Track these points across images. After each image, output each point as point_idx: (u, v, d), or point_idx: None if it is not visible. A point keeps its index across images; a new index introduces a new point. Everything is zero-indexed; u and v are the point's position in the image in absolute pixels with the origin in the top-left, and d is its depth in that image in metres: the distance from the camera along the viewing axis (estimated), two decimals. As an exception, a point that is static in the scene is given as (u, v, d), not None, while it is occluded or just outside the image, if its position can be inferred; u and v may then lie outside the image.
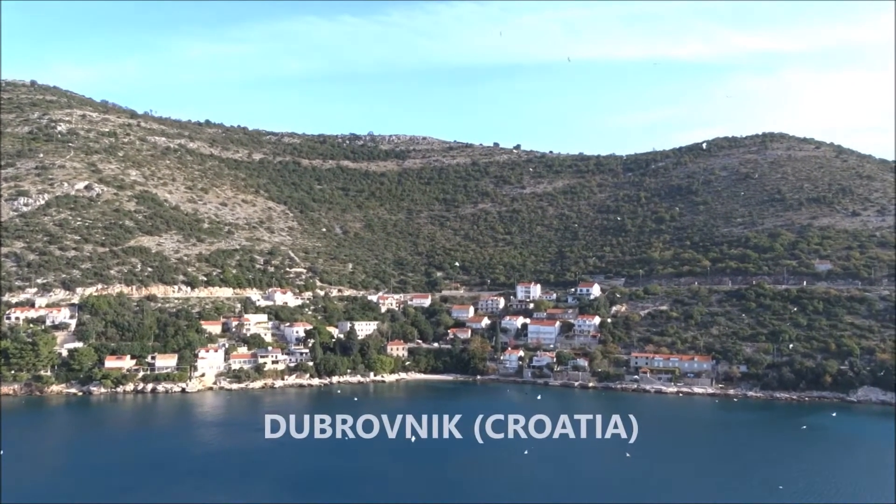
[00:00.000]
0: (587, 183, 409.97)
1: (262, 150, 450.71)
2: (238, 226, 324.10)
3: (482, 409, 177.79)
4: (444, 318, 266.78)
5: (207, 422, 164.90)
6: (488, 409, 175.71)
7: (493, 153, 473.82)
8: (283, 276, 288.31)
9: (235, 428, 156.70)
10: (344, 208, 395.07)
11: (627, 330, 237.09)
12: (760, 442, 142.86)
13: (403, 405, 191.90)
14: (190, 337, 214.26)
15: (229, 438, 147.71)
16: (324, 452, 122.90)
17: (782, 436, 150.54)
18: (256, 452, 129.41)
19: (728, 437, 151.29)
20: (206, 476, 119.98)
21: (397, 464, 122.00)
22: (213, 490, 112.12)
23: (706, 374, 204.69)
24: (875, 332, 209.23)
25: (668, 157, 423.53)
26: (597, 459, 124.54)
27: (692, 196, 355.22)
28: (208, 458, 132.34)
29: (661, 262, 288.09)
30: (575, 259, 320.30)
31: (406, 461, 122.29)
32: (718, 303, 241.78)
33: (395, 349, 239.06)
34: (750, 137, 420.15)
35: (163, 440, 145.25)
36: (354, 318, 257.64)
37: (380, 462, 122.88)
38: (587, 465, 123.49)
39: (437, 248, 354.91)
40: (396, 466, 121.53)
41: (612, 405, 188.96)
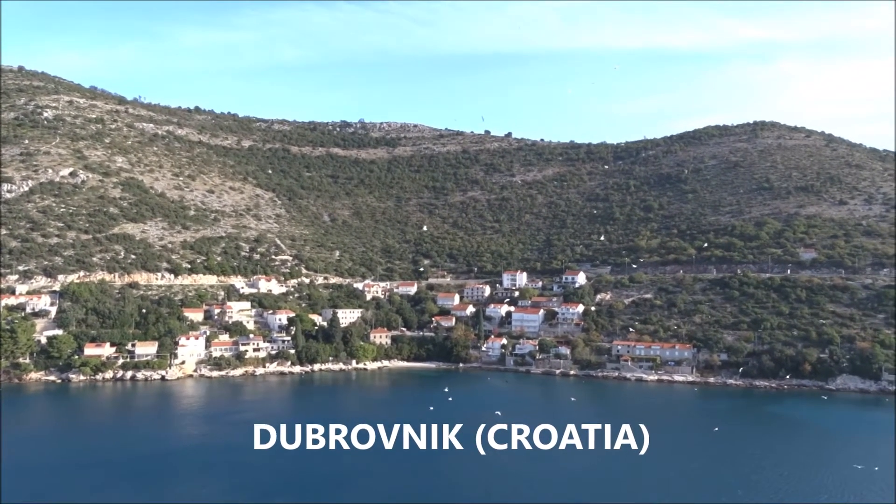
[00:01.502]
0: (577, 171, 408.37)
1: (251, 138, 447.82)
2: (225, 213, 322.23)
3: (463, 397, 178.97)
4: (429, 306, 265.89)
5: (176, 413, 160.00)
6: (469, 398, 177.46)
7: (483, 141, 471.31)
8: (268, 263, 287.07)
9: (201, 419, 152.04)
10: (333, 196, 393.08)
11: (611, 318, 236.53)
12: (728, 432, 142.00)
13: (382, 394, 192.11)
14: (171, 324, 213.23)
15: (186, 433, 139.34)
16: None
17: (745, 427, 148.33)
18: (211, 452, 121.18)
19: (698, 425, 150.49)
20: (136, 478, 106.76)
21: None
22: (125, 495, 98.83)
23: (687, 362, 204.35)
24: (856, 320, 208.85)
25: (659, 146, 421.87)
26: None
27: (681, 184, 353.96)
28: (149, 458, 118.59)
29: (647, 250, 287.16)
30: (562, 247, 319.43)
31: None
32: (702, 291, 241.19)
33: (379, 337, 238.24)
34: (740, 126, 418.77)
35: (109, 435, 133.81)
36: (339, 306, 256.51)
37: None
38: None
39: (425, 235, 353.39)
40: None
41: (589, 392, 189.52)
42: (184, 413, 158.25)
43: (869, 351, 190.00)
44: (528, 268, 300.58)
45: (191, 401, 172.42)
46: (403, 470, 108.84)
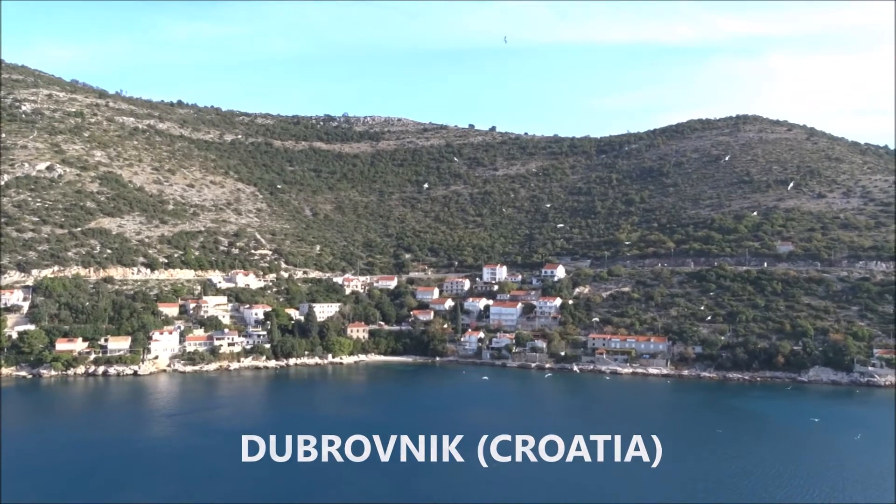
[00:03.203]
0: (560, 165, 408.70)
1: (234, 132, 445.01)
2: (204, 207, 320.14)
3: (436, 390, 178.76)
4: (408, 300, 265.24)
5: (143, 411, 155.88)
6: (443, 392, 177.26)
7: (467, 135, 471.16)
8: (247, 258, 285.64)
9: (157, 417, 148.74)
10: (315, 190, 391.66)
11: (588, 311, 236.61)
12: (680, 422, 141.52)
13: (357, 387, 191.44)
14: (144, 319, 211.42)
15: (130, 430, 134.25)
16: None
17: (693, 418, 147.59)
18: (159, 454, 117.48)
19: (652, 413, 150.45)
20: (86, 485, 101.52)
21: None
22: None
23: (662, 355, 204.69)
24: (830, 312, 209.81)
25: (642, 140, 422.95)
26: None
27: (663, 178, 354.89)
28: (108, 461, 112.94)
29: (627, 243, 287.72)
30: (543, 241, 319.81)
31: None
32: (679, 284, 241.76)
33: (356, 331, 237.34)
34: (723, 119, 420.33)
35: (69, 435, 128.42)
36: (317, 301, 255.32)
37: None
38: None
39: (408, 229, 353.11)
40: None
41: (562, 386, 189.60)
42: (148, 411, 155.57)
43: (842, 343, 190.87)
44: (509, 261, 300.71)
45: (158, 397, 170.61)
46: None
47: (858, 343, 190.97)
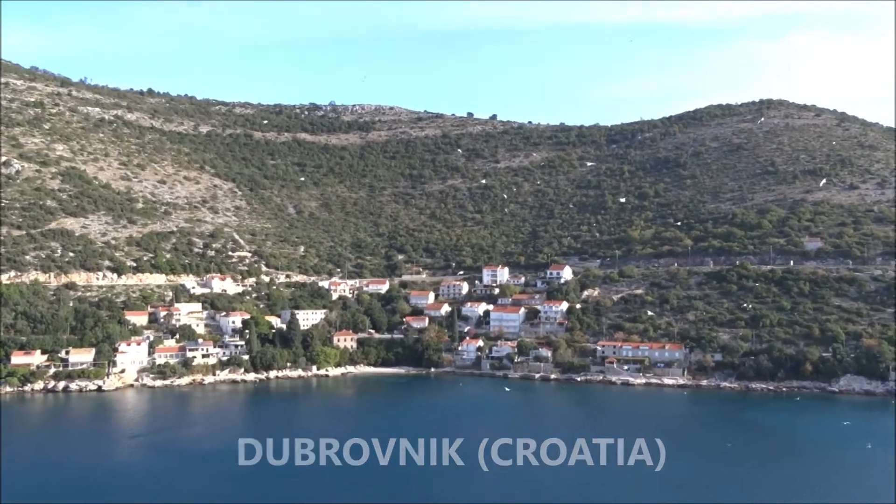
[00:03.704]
0: (567, 156, 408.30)
1: (210, 122, 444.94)
2: (177, 206, 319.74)
3: (427, 405, 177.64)
4: (400, 306, 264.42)
5: (95, 430, 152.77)
6: (433, 406, 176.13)
7: (465, 124, 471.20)
8: (224, 260, 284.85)
9: (121, 437, 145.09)
10: (299, 186, 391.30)
11: (597, 316, 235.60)
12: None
13: (344, 402, 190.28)
14: (110, 329, 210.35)
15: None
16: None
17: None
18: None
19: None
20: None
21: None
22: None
23: (678, 363, 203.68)
24: (864, 315, 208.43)
25: (657, 128, 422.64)
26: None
27: (679, 169, 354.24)
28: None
29: (640, 241, 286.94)
30: (549, 239, 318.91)
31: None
32: (697, 285, 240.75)
33: (343, 340, 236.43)
34: (745, 105, 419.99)
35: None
36: (301, 307, 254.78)
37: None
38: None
39: (401, 228, 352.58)
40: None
41: (568, 397, 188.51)
42: (112, 431, 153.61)
43: (876, 349, 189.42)
44: (511, 262, 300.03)
45: (124, 415, 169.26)
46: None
47: (894, 349, 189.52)
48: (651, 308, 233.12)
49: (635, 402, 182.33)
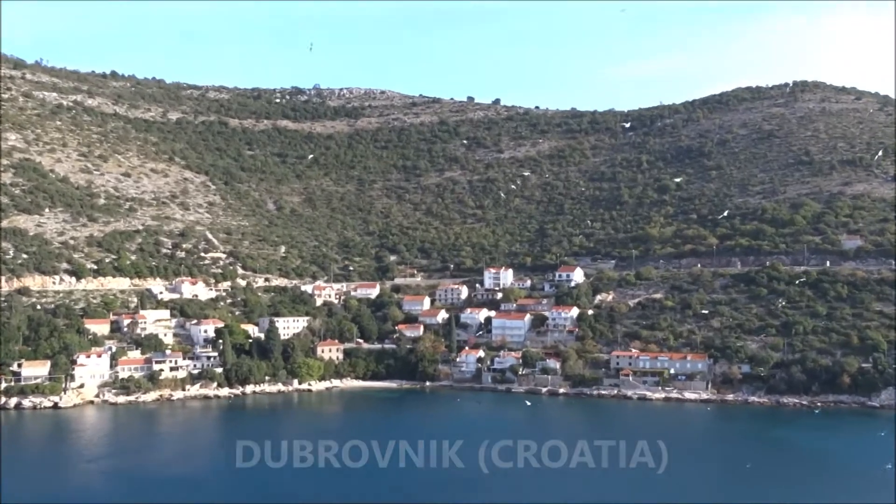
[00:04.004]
0: (578, 145, 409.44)
1: (180, 109, 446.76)
2: (143, 201, 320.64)
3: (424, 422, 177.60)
4: (392, 313, 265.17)
5: (48, 452, 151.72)
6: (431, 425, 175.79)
7: (466, 109, 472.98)
8: (195, 262, 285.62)
9: (77, 461, 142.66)
10: (280, 179, 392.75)
11: (612, 323, 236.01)
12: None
13: (327, 420, 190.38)
14: (68, 339, 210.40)
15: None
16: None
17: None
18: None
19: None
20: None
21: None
22: None
23: (701, 375, 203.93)
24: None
25: (678, 113, 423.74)
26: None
27: (703, 159, 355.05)
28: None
29: (659, 240, 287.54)
30: (558, 238, 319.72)
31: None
32: (723, 289, 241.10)
33: (328, 351, 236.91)
34: (777, 87, 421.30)
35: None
36: (281, 314, 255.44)
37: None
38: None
39: (393, 226, 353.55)
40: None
41: (578, 414, 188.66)
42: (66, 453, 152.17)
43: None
44: (516, 263, 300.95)
45: (82, 435, 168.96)
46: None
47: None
48: (671, 314, 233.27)
49: (651, 418, 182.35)
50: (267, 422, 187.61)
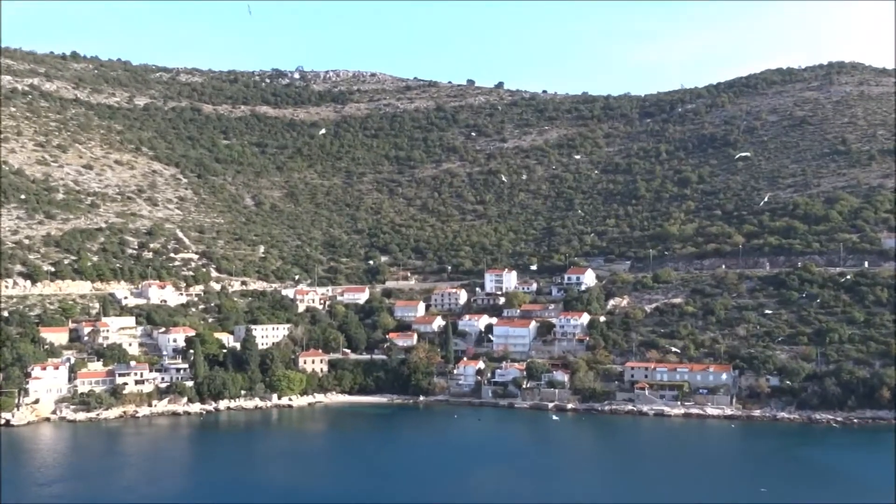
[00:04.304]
0: (591, 133, 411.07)
1: (148, 93, 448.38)
2: (107, 196, 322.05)
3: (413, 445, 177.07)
4: (383, 320, 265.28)
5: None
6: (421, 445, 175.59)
7: (465, 94, 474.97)
8: (164, 264, 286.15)
9: (29, 485, 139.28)
10: (258, 171, 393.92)
11: (626, 331, 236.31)
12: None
13: (310, 441, 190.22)
14: (21, 349, 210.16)
15: None
16: None
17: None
18: None
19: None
20: None
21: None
22: None
23: (725, 389, 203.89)
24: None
25: (701, 98, 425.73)
26: None
27: (729, 149, 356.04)
28: None
29: (680, 238, 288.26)
30: (567, 237, 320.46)
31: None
32: (750, 293, 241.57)
33: (311, 362, 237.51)
34: (811, 69, 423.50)
35: None
36: (259, 321, 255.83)
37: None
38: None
39: (384, 223, 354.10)
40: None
41: (588, 432, 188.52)
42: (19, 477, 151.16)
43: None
44: (521, 265, 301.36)
45: (35, 456, 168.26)
46: None
47: None
48: (692, 321, 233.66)
49: (669, 436, 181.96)
50: (242, 441, 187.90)
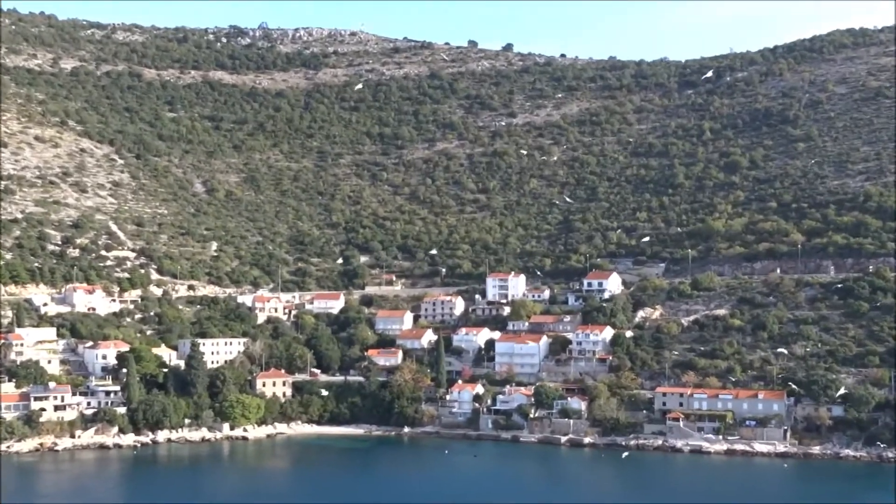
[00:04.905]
0: (618, 107, 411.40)
1: (76, 55, 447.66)
2: (24, 181, 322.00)
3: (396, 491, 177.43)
4: (361, 333, 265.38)
5: None
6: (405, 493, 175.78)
7: (466, 58, 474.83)
8: (93, 264, 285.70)
9: None
10: (211, 151, 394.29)
11: (658, 349, 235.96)
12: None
13: (268, 485, 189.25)
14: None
15: None
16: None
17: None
18: None
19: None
20: None
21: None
22: None
23: (777, 420, 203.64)
24: None
25: (754, 65, 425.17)
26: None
27: (787, 127, 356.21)
28: None
29: (726, 236, 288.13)
30: (588, 233, 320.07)
31: None
32: (810, 303, 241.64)
33: (271, 385, 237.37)
34: (888, 29, 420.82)
35: None
36: (209, 334, 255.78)
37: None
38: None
39: (365, 215, 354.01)
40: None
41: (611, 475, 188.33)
42: None
43: None
44: (531, 267, 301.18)
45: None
46: None
47: None
48: (739, 337, 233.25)
49: (705, 479, 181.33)
50: (185, 481, 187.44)
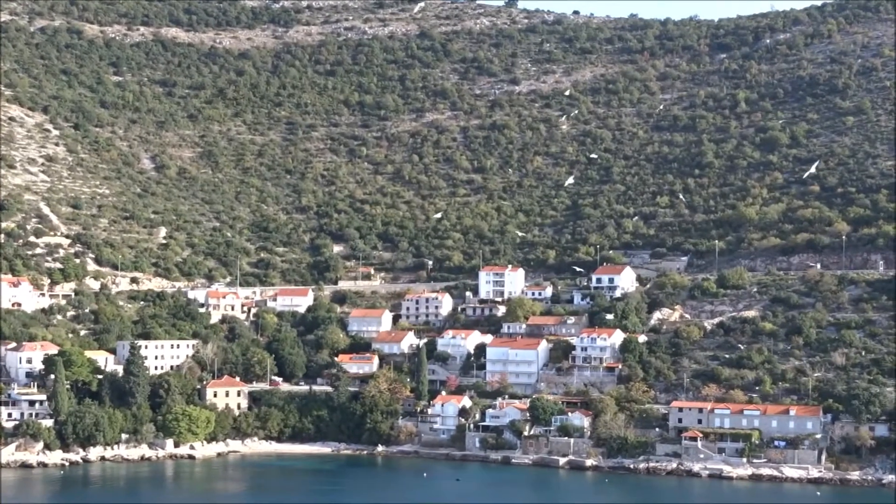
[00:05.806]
0: (639, 73, 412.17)
1: (7, 7, 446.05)
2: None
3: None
4: (331, 336, 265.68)
5: None
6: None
7: (461, 15, 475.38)
8: (20, 252, 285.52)
9: None
10: (162, 121, 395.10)
11: (676, 357, 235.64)
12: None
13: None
14: None
15: None
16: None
17: None
18: None
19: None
20: None
21: None
22: None
23: (811, 441, 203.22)
24: None
25: (799, 24, 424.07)
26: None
27: (835, 97, 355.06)
28: None
29: (759, 225, 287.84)
30: (600, 220, 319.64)
31: None
32: (854, 304, 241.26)
33: (224, 395, 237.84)
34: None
35: None
36: (153, 335, 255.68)
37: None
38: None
39: (339, 198, 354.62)
40: None
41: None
42: None
43: None
44: (532, 260, 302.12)
45: None
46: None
47: None
48: (770, 343, 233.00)
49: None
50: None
